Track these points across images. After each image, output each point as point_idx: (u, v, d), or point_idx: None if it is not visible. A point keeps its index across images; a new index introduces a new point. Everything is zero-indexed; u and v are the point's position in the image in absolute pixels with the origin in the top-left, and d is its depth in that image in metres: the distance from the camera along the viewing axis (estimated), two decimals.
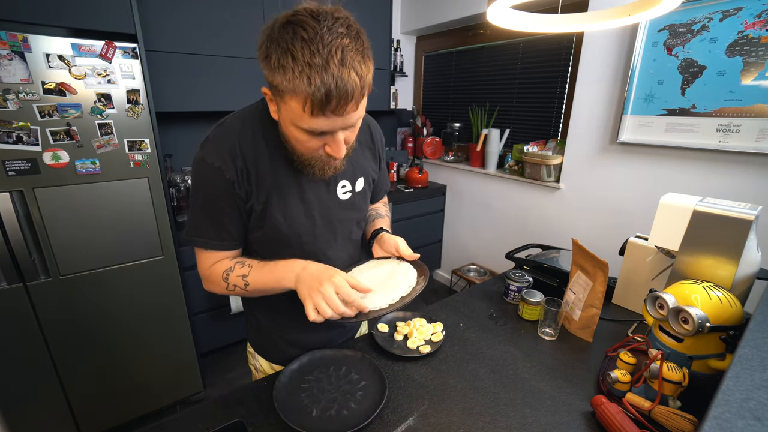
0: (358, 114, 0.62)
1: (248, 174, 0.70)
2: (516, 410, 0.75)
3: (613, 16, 0.83)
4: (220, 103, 1.95)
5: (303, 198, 0.76)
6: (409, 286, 0.76)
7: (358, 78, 0.56)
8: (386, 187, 1.03)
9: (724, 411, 0.39)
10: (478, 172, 2.63)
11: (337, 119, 0.59)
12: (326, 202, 0.79)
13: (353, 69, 0.55)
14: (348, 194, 0.82)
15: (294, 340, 0.91)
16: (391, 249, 0.83)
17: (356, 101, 0.58)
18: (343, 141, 0.64)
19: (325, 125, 0.60)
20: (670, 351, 0.75)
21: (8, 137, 1.22)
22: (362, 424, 0.68)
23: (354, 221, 0.87)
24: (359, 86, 0.56)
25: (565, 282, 1.13)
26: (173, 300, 1.68)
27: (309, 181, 0.76)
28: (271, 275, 0.72)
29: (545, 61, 2.25)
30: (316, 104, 0.56)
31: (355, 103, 0.58)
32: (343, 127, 0.62)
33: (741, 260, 0.80)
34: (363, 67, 0.56)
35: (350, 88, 0.55)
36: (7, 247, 1.28)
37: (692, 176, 1.62)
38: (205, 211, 0.73)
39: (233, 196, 0.71)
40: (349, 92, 0.56)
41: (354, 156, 0.81)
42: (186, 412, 0.74)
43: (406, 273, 0.79)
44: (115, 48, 1.33)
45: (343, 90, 0.55)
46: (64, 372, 1.48)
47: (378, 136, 0.90)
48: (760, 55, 1.36)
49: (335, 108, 0.57)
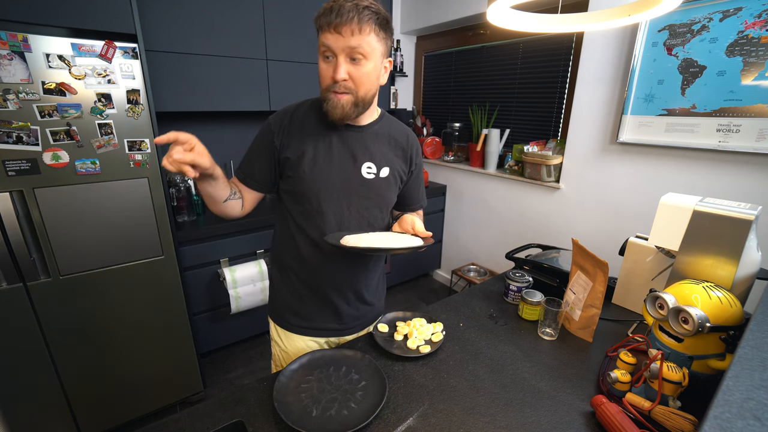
0: (355, 43, 0.76)
1: (290, 130, 0.89)
2: (516, 410, 0.75)
3: (613, 16, 0.83)
4: (220, 103, 1.95)
5: (331, 163, 0.89)
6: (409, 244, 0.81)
7: (357, 11, 0.74)
8: (422, 200, 1.11)
9: (724, 411, 0.39)
10: (478, 172, 2.63)
11: (338, 38, 0.75)
12: (349, 175, 0.90)
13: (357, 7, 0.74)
14: (371, 176, 0.92)
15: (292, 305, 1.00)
16: (407, 226, 0.90)
17: (350, 28, 0.74)
18: (344, 68, 0.78)
19: (329, 40, 0.76)
20: (670, 351, 0.75)
21: (8, 137, 1.22)
22: (362, 424, 0.68)
23: (373, 201, 0.94)
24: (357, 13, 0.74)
25: (565, 282, 1.13)
26: (173, 300, 1.68)
27: (340, 152, 0.89)
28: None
29: (545, 61, 2.25)
30: (323, 20, 0.76)
31: (350, 29, 0.74)
32: (344, 48, 0.76)
33: (741, 260, 0.80)
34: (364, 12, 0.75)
35: (346, 11, 0.73)
36: (7, 247, 1.28)
37: (692, 176, 1.62)
38: (248, 152, 0.94)
39: (271, 144, 0.90)
40: (345, 13, 0.73)
41: (383, 148, 0.94)
42: (186, 412, 0.74)
43: (412, 241, 0.84)
44: (115, 48, 1.33)
45: (339, 10, 0.74)
46: (64, 372, 1.48)
47: (413, 143, 1.00)
48: (760, 55, 1.36)
49: (335, 26, 0.74)
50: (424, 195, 1.12)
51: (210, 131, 2.28)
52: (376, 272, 1.07)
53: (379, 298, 1.11)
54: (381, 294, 1.12)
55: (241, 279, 1.92)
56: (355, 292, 1.01)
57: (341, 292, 0.98)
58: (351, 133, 0.90)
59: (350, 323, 1.03)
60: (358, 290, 1.01)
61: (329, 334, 1.02)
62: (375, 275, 1.06)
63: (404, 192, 1.04)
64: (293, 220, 0.93)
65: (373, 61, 0.80)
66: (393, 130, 0.97)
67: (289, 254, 0.97)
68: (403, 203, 1.07)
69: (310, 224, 0.91)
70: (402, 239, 0.84)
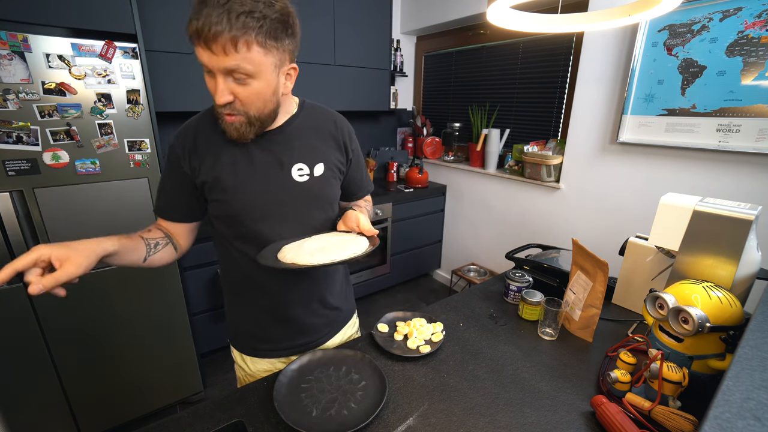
0: (232, 63, 0.63)
1: (197, 151, 0.78)
2: (516, 410, 0.75)
3: (613, 16, 0.83)
4: None
5: (254, 175, 0.79)
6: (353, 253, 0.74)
7: (228, 23, 0.60)
8: (366, 185, 1.02)
9: (724, 411, 0.39)
10: (478, 172, 2.63)
11: (212, 55, 0.62)
12: (279, 182, 0.81)
13: (228, 14, 0.59)
14: (305, 177, 0.83)
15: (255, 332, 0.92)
16: (352, 224, 0.83)
17: (222, 45, 0.61)
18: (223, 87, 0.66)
19: (203, 57, 0.64)
20: (670, 351, 0.75)
21: (8, 137, 1.22)
22: (362, 424, 0.68)
23: (314, 205, 0.86)
24: (230, 25, 0.60)
25: (565, 282, 1.13)
26: (173, 300, 1.68)
27: (261, 160, 0.80)
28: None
29: (545, 61, 2.25)
30: (193, 33, 0.62)
31: (222, 47, 0.61)
32: (218, 68, 0.64)
33: (741, 260, 0.80)
34: (238, 20, 0.60)
35: (214, 22, 0.59)
36: (7, 247, 1.28)
37: (692, 176, 1.62)
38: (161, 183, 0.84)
39: (179, 170, 0.79)
40: (212, 25, 0.59)
41: (311, 142, 0.85)
42: (186, 412, 0.74)
43: (357, 243, 0.78)
44: (115, 48, 1.33)
45: (207, 24, 0.60)
46: (64, 372, 1.48)
47: (343, 129, 0.91)
48: (760, 55, 1.36)
49: (205, 40, 0.61)
50: (368, 179, 1.03)
51: None
52: (338, 274, 0.98)
53: (348, 298, 1.04)
54: (349, 294, 1.05)
55: None
56: (320, 301, 0.93)
57: (304, 305, 0.91)
58: (269, 137, 0.80)
59: (321, 332, 0.96)
60: (322, 298, 0.93)
61: (301, 349, 0.93)
62: (337, 278, 0.98)
63: (346, 183, 0.95)
64: (231, 245, 0.85)
65: (263, 79, 0.67)
66: (317, 119, 0.87)
67: (237, 279, 0.89)
68: (347, 194, 0.98)
69: (251, 246, 0.82)
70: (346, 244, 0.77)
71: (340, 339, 1.02)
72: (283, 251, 0.76)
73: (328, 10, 2.22)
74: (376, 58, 2.54)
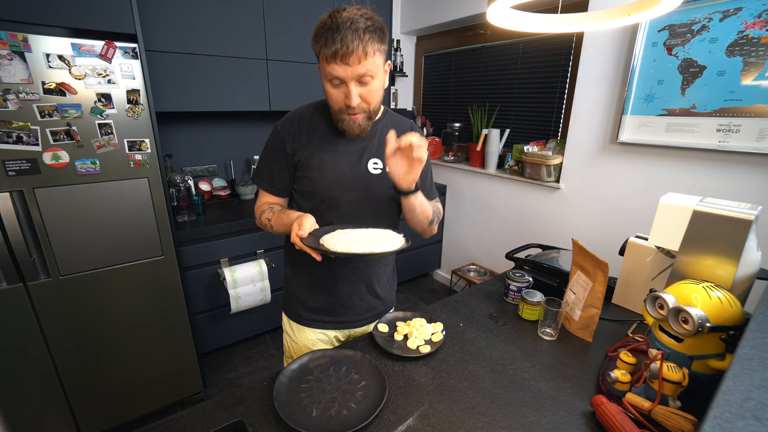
0: (363, 69, 0.78)
1: (299, 135, 0.94)
2: (516, 410, 0.75)
3: (613, 16, 0.83)
4: (220, 103, 1.95)
5: (338, 160, 0.93)
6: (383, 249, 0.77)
7: (359, 39, 0.75)
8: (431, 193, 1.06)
9: (724, 411, 0.39)
10: (478, 172, 2.63)
11: (346, 68, 0.78)
12: (357, 172, 0.94)
13: (357, 33, 0.76)
14: (378, 170, 0.95)
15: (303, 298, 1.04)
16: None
17: (357, 56, 0.76)
18: (355, 93, 0.81)
19: (338, 71, 0.78)
20: (670, 351, 0.75)
21: (8, 137, 1.22)
22: (362, 424, 0.68)
23: (379, 195, 0.96)
24: (361, 41, 0.76)
25: (565, 282, 1.13)
26: (173, 300, 1.68)
27: (347, 150, 0.94)
28: (281, 221, 0.91)
29: (545, 61, 2.25)
30: (329, 55, 0.77)
31: (357, 58, 0.76)
32: (353, 76, 0.79)
33: (741, 260, 0.80)
34: (365, 34, 0.76)
35: (350, 41, 0.75)
36: (7, 247, 1.28)
37: (692, 176, 1.62)
38: (262, 159, 1.00)
39: (283, 150, 0.94)
40: (349, 44, 0.75)
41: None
42: (186, 412, 0.74)
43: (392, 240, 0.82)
44: (115, 48, 1.33)
45: (342, 41, 0.75)
46: (64, 372, 1.48)
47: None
48: (760, 55, 1.36)
49: (342, 57, 0.76)
50: (433, 188, 1.09)
51: (210, 131, 2.28)
52: (389, 265, 1.09)
53: (390, 291, 1.13)
54: (392, 287, 1.15)
55: (241, 279, 1.92)
56: (367, 285, 1.04)
57: (353, 285, 1.02)
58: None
59: (361, 315, 1.06)
60: (369, 283, 1.04)
61: (340, 326, 1.05)
62: (387, 268, 1.09)
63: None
64: None
65: (380, 77, 0.84)
66: (397, 125, 1.00)
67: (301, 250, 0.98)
68: None
69: (321, 220, 0.92)
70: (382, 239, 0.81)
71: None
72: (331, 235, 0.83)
73: (328, 10, 2.22)
74: None
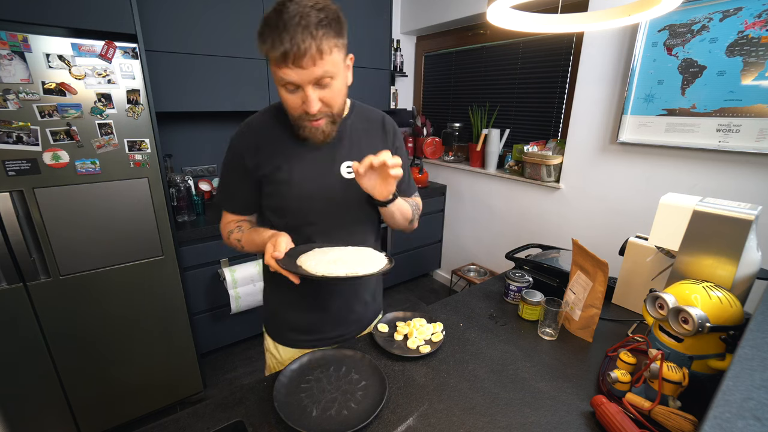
0: (320, 71, 0.68)
1: (259, 148, 0.84)
2: (516, 410, 0.75)
3: (613, 16, 0.83)
4: (220, 103, 1.95)
5: (307, 170, 0.85)
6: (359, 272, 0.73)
7: (312, 37, 0.65)
8: (411, 187, 1.04)
9: (724, 411, 0.39)
10: (478, 172, 2.63)
11: (301, 71, 0.68)
12: (330, 179, 0.86)
13: (308, 29, 0.65)
14: (353, 175, 0.86)
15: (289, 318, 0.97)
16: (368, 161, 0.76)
17: (312, 57, 0.66)
18: (314, 98, 0.71)
19: (291, 76, 0.68)
20: (670, 351, 0.75)
21: (8, 137, 1.22)
22: (362, 424, 0.68)
23: (357, 202, 0.90)
24: (313, 39, 0.65)
25: (565, 282, 1.13)
26: (173, 300, 1.68)
27: (315, 157, 0.85)
28: (253, 240, 0.84)
29: (545, 61, 2.25)
30: (279, 58, 0.67)
31: (311, 59, 0.66)
32: (309, 80, 0.69)
33: (741, 260, 0.80)
34: (318, 30, 0.66)
35: (300, 40, 0.65)
36: (7, 247, 1.28)
37: (692, 176, 1.62)
38: (222, 179, 0.91)
39: (243, 167, 0.85)
40: (300, 43, 0.65)
41: (362, 141, 0.89)
42: (186, 412, 0.74)
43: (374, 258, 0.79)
44: (115, 48, 1.33)
45: (296, 46, 0.65)
46: (64, 372, 1.48)
47: (390, 128, 0.95)
48: (760, 55, 1.36)
49: (293, 60, 0.66)
50: (412, 181, 1.05)
51: (210, 131, 2.28)
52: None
53: (378, 294, 1.10)
54: (379, 291, 1.11)
55: (241, 279, 1.92)
56: (358, 296, 1.00)
57: (345, 300, 0.97)
58: None
59: (351, 327, 1.02)
60: (360, 294, 1.00)
61: (331, 342, 0.99)
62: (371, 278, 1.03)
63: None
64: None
65: (341, 75, 0.74)
66: (367, 120, 0.92)
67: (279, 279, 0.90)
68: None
69: (299, 236, 0.85)
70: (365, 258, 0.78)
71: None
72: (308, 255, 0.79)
73: None
74: (376, 58, 2.53)
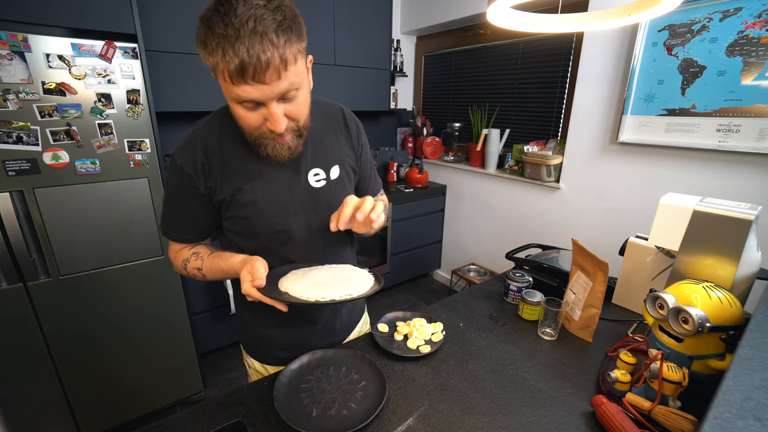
0: (286, 84, 0.60)
1: (210, 168, 0.73)
2: (516, 410, 0.75)
3: (613, 16, 0.83)
4: (220, 103, 1.93)
5: (272, 187, 0.76)
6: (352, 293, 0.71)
7: (273, 46, 0.55)
8: (376, 181, 0.98)
9: (724, 411, 0.39)
10: (478, 172, 2.63)
11: (263, 87, 0.58)
12: (298, 191, 0.78)
13: (267, 38, 0.55)
14: (322, 182, 0.80)
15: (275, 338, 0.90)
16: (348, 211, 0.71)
17: (276, 69, 0.57)
18: (279, 114, 0.63)
19: (252, 93, 0.59)
20: (670, 351, 0.74)
21: (8, 137, 1.22)
22: (362, 424, 0.68)
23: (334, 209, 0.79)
24: (275, 48, 0.56)
25: (565, 282, 1.13)
26: (173, 300, 1.68)
27: (278, 170, 0.76)
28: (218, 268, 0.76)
29: (545, 61, 2.25)
30: (234, 73, 0.56)
31: (276, 71, 0.57)
32: (272, 96, 0.60)
33: (741, 260, 0.80)
34: (279, 37, 0.56)
35: (260, 51, 0.55)
36: (7, 247, 1.28)
37: (692, 176, 1.62)
38: (168, 205, 0.79)
39: (195, 190, 0.74)
40: (263, 60, 0.55)
41: (325, 143, 0.81)
42: (186, 412, 0.74)
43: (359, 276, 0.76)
44: (115, 48, 1.33)
45: (256, 58, 0.55)
46: (64, 372, 1.48)
47: (353, 125, 0.87)
48: (760, 55, 1.36)
49: (254, 75, 0.56)
50: (376, 175, 0.97)
51: None
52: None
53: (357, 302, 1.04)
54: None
55: None
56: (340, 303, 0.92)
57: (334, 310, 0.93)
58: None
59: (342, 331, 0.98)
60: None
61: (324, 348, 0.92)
62: None
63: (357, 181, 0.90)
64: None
65: (306, 84, 0.66)
66: (326, 117, 0.83)
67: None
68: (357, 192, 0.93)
69: (273, 257, 0.78)
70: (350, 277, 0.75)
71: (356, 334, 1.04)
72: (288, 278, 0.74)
73: (328, 10, 2.23)
74: (376, 58, 2.54)
